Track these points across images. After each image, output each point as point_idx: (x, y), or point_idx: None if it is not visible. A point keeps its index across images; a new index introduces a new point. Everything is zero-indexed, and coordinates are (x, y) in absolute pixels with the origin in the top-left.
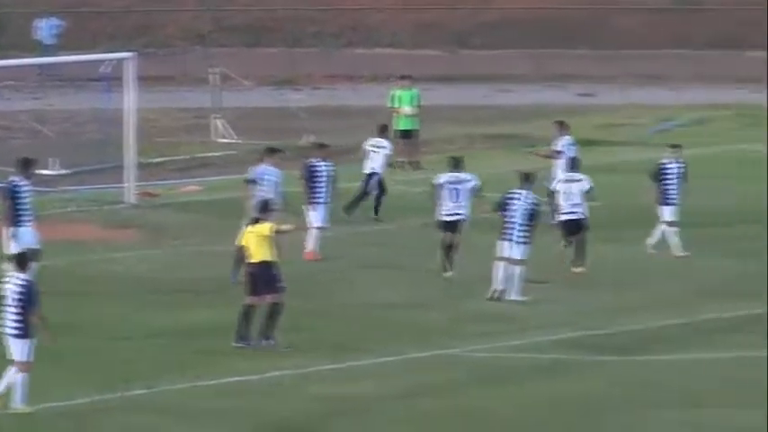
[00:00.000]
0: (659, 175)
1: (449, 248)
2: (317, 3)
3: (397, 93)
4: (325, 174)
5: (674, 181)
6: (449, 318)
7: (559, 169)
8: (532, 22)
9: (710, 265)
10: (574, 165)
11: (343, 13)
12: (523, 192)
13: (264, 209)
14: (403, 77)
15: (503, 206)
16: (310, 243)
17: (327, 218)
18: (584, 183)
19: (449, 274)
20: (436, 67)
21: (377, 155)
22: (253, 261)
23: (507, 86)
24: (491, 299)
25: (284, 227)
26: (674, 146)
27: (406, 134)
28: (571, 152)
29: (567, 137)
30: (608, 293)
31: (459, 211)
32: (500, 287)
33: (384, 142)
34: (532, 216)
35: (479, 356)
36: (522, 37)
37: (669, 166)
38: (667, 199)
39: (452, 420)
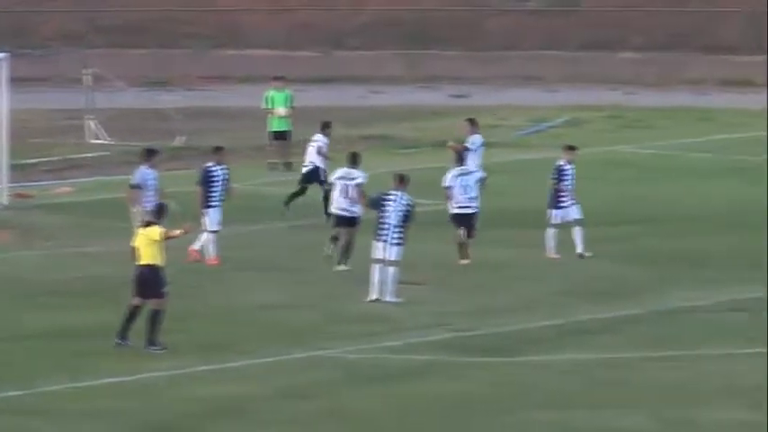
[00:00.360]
0: (557, 176)
1: (344, 245)
2: (191, 4)
3: (271, 94)
4: (220, 177)
5: (570, 183)
6: (323, 318)
7: (471, 165)
8: (406, 23)
9: (583, 267)
10: (463, 160)
11: (217, 15)
12: (398, 193)
13: (159, 213)
14: (276, 78)
15: (377, 205)
16: (210, 248)
17: (221, 221)
18: (478, 173)
19: (341, 267)
20: (310, 69)
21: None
22: (141, 263)
23: (381, 87)
24: (373, 302)
25: (175, 232)
26: (570, 147)
27: (280, 135)
28: (479, 150)
29: (478, 135)
30: (481, 295)
31: (352, 208)
32: (376, 295)
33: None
34: (407, 217)
35: (354, 357)
36: (395, 38)
37: (566, 167)
38: (561, 202)
39: (327, 421)
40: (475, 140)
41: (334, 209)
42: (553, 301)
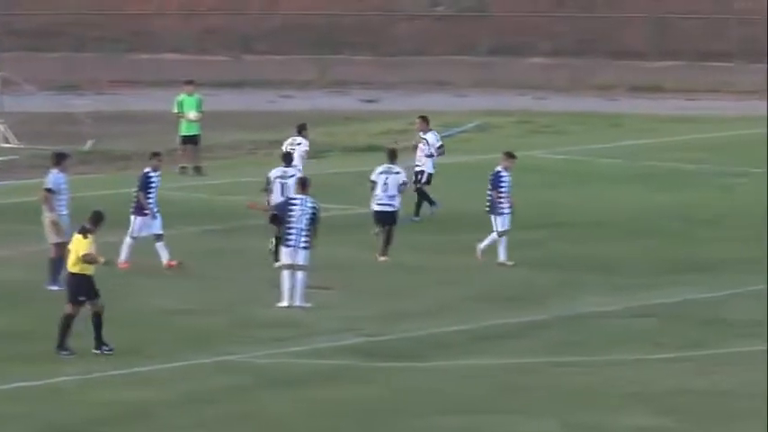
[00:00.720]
0: (496, 183)
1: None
2: (102, 8)
3: (182, 98)
4: (156, 184)
5: (507, 190)
6: (233, 323)
7: (429, 161)
8: (316, 28)
9: (493, 272)
10: (394, 159)
11: (127, 19)
12: (302, 197)
13: (95, 221)
14: (188, 83)
15: (283, 210)
16: (163, 253)
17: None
18: (402, 176)
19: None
20: (221, 73)
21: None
22: (71, 270)
23: (291, 92)
24: (286, 308)
25: (97, 259)
26: (508, 154)
27: (191, 139)
28: (435, 145)
29: (431, 132)
30: (391, 299)
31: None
32: (288, 302)
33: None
34: (313, 220)
35: (263, 362)
36: (305, 43)
37: (503, 174)
38: (501, 208)
39: (235, 426)
40: (432, 136)
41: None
42: (463, 307)
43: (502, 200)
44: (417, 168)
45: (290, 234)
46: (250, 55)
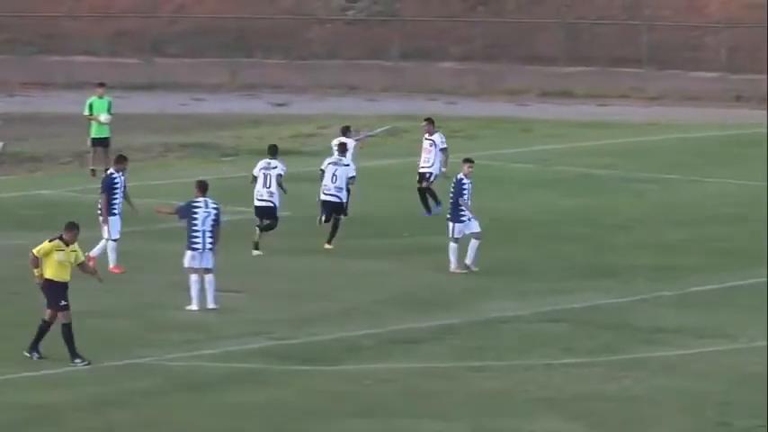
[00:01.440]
0: (457, 190)
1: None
2: (12, 10)
3: (93, 101)
4: (121, 185)
5: (469, 197)
6: (143, 326)
7: (438, 160)
8: (227, 31)
9: (403, 276)
10: (343, 150)
11: (39, 21)
12: (204, 199)
13: (70, 228)
14: (99, 85)
15: (186, 214)
16: (112, 256)
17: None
18: (350, 169)
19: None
20: (132, 75)
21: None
22: (46, 277)
23: (202, 95)
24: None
25: (33, 269)
26: (468, 160)
27: (101, 142)
28: (441, 146)
29: (438, 133)
30: (301, 303)
31: (270, 199)
32: (197, 305)
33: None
34: (217, 222)
35: (173, 365)
36: (216, 46)
37: (465, 181)
38: (461, 215)
39: (146, 430)
40: (440, 137)
41: (255, 199)
42: (373, 310)
43: (461, 207)
44: (423, 169)
45: (195, 237)
46: (161, 58)
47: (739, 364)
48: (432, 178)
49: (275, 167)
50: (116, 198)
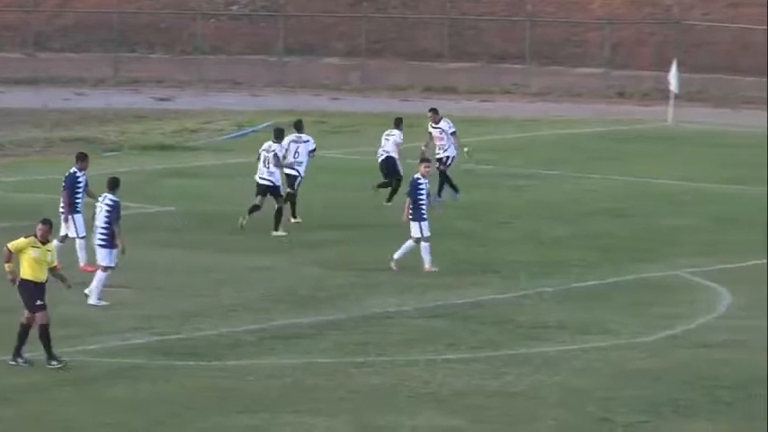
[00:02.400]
0: (415, 190)
1: (275, 212)
2: None
3: None
4: (83, 183)
5: (426, 197)
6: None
7: (451, 144)
8: (110, 25)
9: (288, 272)
10: (301, 129)
11: None
12: (105, 195)
13: (44, 223)
14: None
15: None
16: (81, 255)
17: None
18: (310, 144)
19: (279, 233)
20: (14, 70)
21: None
22: (22, 277)
23: (85, 90)
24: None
25: (5, 267)
26: (425, 160)
27: None
28: (450, 131)
29: (444, 120)
30: (185, 299)
31: (270, 178)
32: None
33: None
34: (109, 218)
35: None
36: (100, 40)
37: (421, 181)
38: (421, 214)
39: (29, 425)
40: (448, 123)
41: (257, 177)
42: (256, 306)
43: (422, 206)
44: (440, 155)
45: (95, 233)
46: (44, 52)
47: (621, 360)
48: (449, 162)
49: (273, 151)
50: (79, 196)
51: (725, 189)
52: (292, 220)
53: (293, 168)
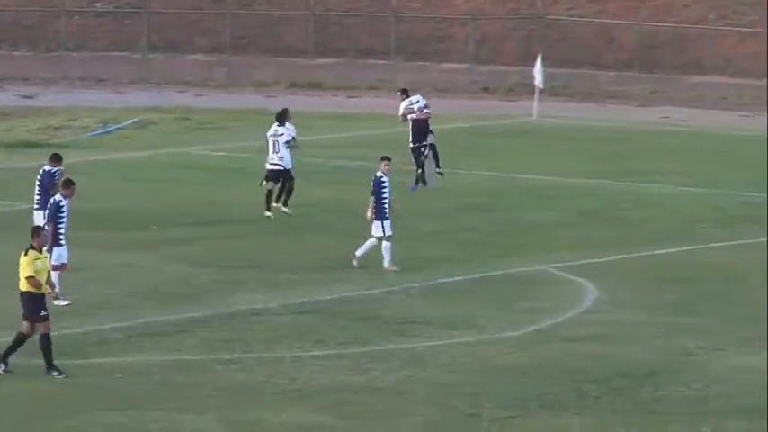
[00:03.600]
0: (378, 188)
1: (286, 191)
2: None
3: None
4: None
5: (388, 195)
6: None
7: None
8: None
9: (153, 269)
10: (283, 121)
11: None
12: None
13: (34, 234)
14: None
15: None
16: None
17: None
18: (286, 136)
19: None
20: None
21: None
22: (21, 289)
23: None
24: None
25: (47, 288)
26: (385, 158)
27: None
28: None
29: (417, 95)
30: (49, 297)
31: (281, 162)
32: None
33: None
34: None
35: None
36: None
37: (384, 179)
38: (384, 213)
39: None
40: (419, 101)
41: (267, 164)
42: (122, 303)
43: (385, 204)
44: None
45: None
46: None
47: (487, 355)
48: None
49: (282, 134)
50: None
51: (590, 183)
52: (279, 207)
53: (276, 164)
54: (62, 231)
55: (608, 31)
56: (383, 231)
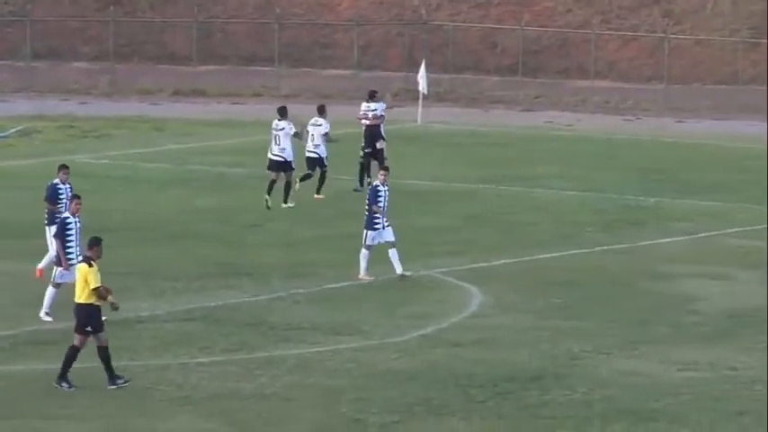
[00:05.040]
0: (373, 198)
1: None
2: None
3: None
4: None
5: (384, 205)
6: None
7: (382, 129)
8: None
9: (36, 278)
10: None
11: None
12: None
13: (91, 247)
14: None
15: None
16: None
17: None
18: (286, 129)
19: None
20: None
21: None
22: (78, 301)
23: None
24: None
25: (109, 299)
26: (384, 169)
27: None
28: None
29: (380, 103)
30: None
31: (284, 155)
32: None
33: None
34: None
35: None
36: None
37: (380, 189)
38: (375, 223)
39: None
40: (380, 106)
41: (270, 154)
42: (7, 312)
43: (377, 214)
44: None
45: None
46: None
47: (373, 361)
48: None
49: (282, 128)
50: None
51: (474, 188)
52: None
53: (278, 155)
54: (71, 248)
55: (491, 37)
56: (364, 240)
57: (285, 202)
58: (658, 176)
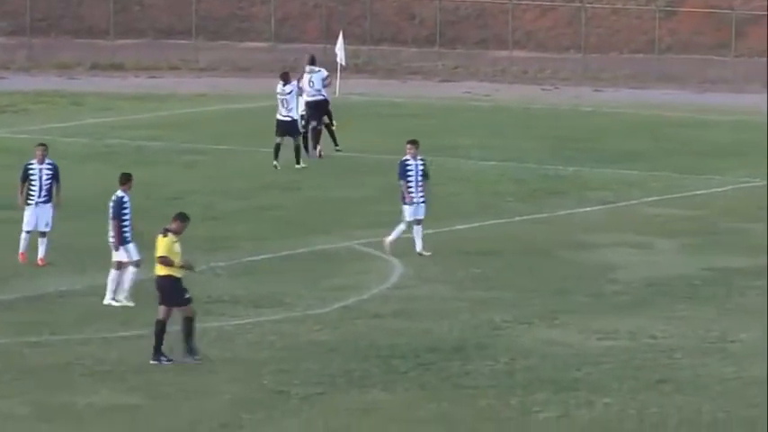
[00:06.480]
0: (403, 172)
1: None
2: None
3: None
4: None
5: (416, 179)
6: None
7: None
8: None
9: None
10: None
11: None
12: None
13: (177, 220)
14: None
15: None
16: (42, 249)
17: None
18: (290, 94)
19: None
20: None
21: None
22: (158, 273)
23: None
24: None
25: (172, 262)
26: (412, 141)
27: None
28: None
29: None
30: None
31: (291, 115)
32: None
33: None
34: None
35: None
36: None
37: (410, 163)
38: (411, 197)
39: None
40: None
41: (278, 116)
42: None
43: (411, 188)
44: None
45: None
46: None
47: (295, 333)
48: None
49: (290, 92)
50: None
51: (393, 159)
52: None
53: (286, 116)
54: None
55: (409, 8)
56: (409, 216)
57: (298, 163)
58: (577, 146)
